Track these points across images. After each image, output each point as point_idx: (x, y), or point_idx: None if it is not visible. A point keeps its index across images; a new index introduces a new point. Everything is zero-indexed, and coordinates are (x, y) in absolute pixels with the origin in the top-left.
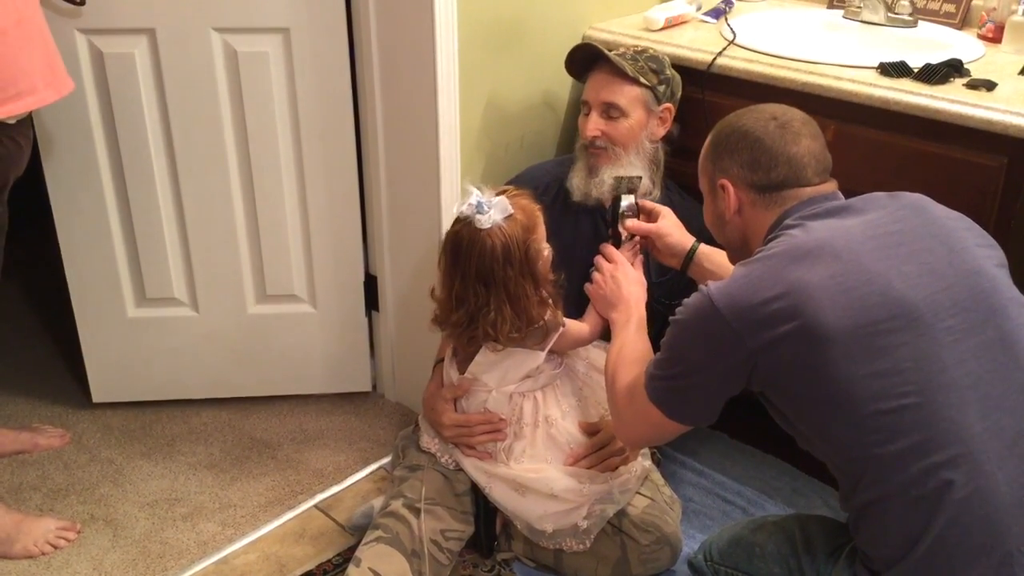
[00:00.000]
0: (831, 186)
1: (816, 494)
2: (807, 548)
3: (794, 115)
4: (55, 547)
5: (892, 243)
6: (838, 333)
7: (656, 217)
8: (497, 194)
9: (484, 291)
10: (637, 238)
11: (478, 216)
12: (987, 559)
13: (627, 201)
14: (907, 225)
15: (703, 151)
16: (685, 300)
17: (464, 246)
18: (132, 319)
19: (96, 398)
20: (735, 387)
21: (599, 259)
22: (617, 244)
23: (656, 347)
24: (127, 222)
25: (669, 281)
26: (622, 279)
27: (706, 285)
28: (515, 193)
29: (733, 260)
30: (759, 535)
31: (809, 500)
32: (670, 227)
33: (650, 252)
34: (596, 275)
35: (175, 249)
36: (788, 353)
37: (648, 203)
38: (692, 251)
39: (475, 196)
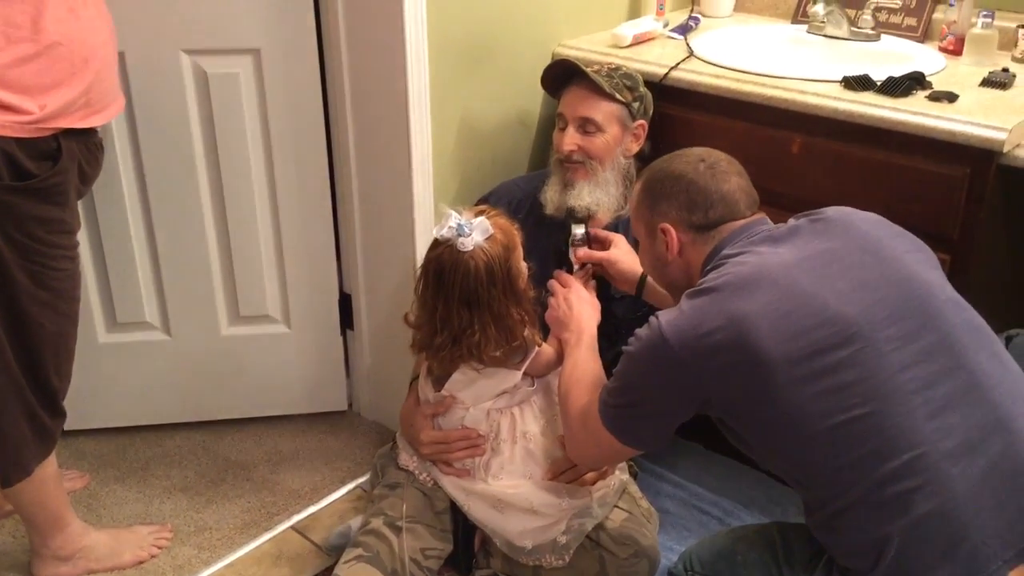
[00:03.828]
0: (760, 215)
1: (791, 503)
2: (787, 557)
3: (719, 156)
4: (160, 548)
5: (824, 262)
6: (780, 358)
7: (608, 245)
8: (476, 215)
9: (468, 313)
10: (588, 265)
11: (461, 240)
12: (955, 554)
13: (579, 231)
14: (836, 243)
15: (635, 200)
16: (637, 331)
17: (447, 269)
18: (103, 345)
19: (67, 425)
20: (686, 414)
21: (553, 284)
22: (570, 271)
23: (611, 366)
24: (97, 246)
25: (629, 298)
26: (574, 300)
27: (656, 317)
28: (493, 213)
29: (674, 297)
30: (740, 544)
31: (785, 509)
32: (621, 255)
33: (606, 279)
34: (551, 299)
35: (146, 272)
36: (736, 381)
37: (601, 232)
38: (643, 277)
39: (455, 219)
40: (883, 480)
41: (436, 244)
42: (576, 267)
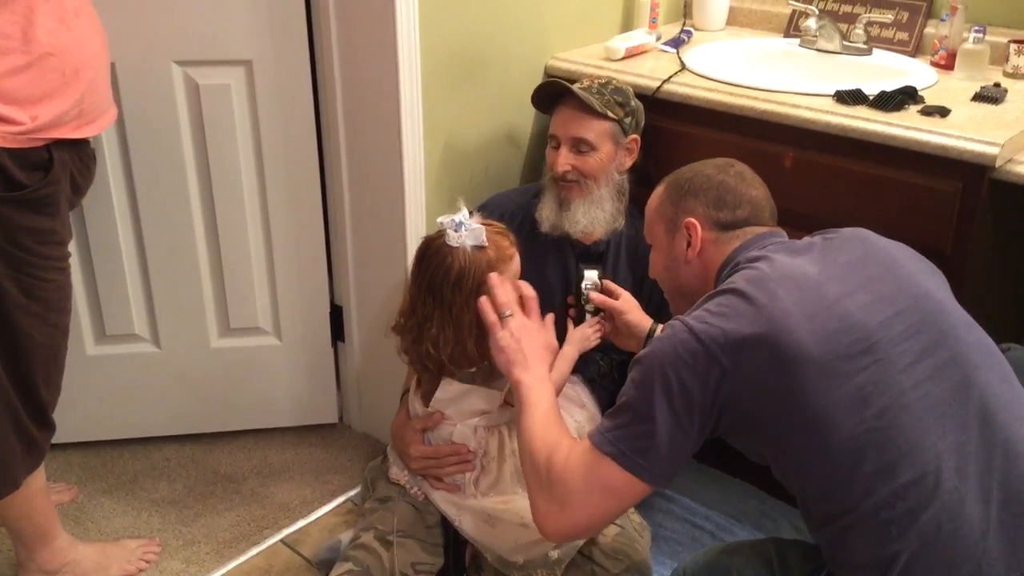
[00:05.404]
0: (780, 228)
1: (784, 517)
2: (784, 571)
3: (745, 167)
4: (148, 562)
5: (843, 274)
6: (806, 357)
7: (617, 296)
8: (485, 224)
9: (432, 303)
10: (602, 313)
11: (451, 232)
12: (958, 575)
13: (593, 274)
14: (854, 257)
15: (658, 200)
16: (654, 336)
17: (430, 253)
18: (92, 357)
19: (54, 438)
20: (703, 426)
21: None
22: (580, 319)
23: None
24: (86, 257)
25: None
26: (535, 333)
27: (677, 319)
28: (499, 231)
29: (678, 306)
30: (736, 558)
31: (777, 524)
32: (630, 306)
33: (609, 336)
34: (506, 326)
35: (136, 284)
36: (763, 378)
37: (609, 283)
38: (651, 332)
39: (461, 214)
40: (893, 495)
41: (438, 230)
42: (589, 312)
